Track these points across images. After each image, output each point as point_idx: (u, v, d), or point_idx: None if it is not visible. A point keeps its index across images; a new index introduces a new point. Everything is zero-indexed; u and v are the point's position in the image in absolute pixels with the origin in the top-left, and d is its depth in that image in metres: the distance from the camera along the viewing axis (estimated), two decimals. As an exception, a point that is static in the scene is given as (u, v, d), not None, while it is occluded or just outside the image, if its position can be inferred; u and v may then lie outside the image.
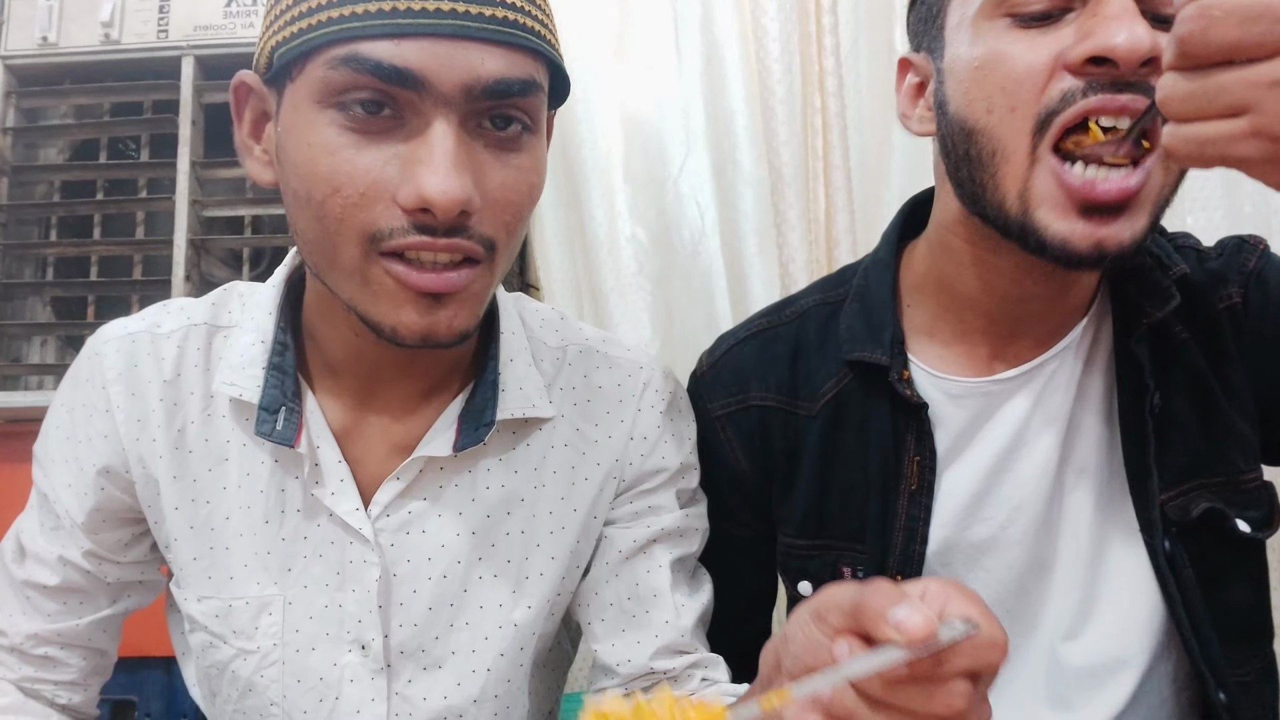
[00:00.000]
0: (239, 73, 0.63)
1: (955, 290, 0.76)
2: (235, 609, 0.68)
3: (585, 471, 0.73)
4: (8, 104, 1.57)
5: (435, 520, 0.69)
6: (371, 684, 0.68)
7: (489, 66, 0.55)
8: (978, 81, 0.65)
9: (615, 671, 0.72)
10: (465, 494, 0.70)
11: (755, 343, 0.84)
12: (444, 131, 0.55)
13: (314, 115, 0.56)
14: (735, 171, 1.49)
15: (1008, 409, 0.75)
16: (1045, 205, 0.63)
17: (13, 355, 1.57)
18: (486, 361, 0.70)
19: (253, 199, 1.54)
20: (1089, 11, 0.61)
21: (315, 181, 0.56)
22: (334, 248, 0.58)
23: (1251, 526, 0.73)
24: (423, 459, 0.68)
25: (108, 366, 0.70)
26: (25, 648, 0.71)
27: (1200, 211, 1.35)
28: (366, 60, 0.54)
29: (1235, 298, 0.75)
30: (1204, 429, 0.73)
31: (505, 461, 0.71)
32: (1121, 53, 0.59)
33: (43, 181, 1.62)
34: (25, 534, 0.73)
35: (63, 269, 1.59)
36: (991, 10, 0.65)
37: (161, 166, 1.54)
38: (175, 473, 0.69)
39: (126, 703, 1.45)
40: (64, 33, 1.55)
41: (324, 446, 0.68)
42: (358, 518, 0.67)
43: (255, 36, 1.48)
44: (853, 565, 0.78)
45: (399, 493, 0.68)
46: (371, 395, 0.69)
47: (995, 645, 0.39)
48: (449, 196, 0.54)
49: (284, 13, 0.57)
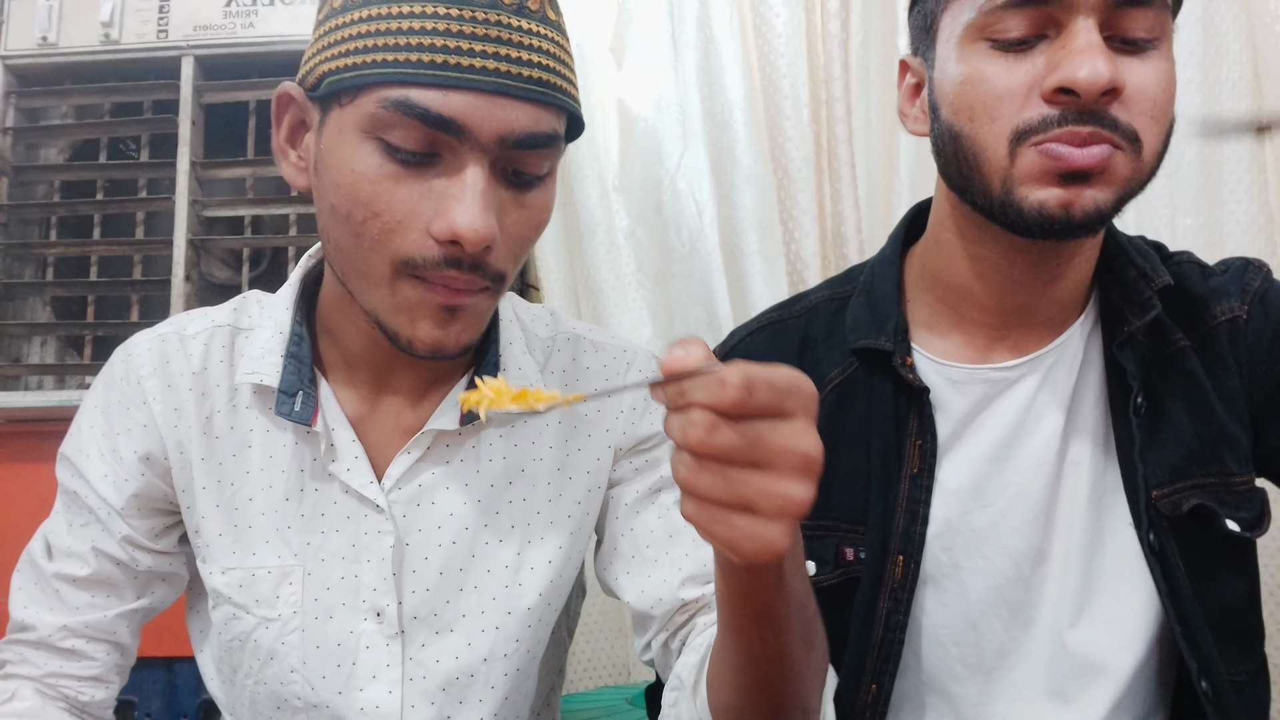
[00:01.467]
0: (283, 83, 0.70)
1: (949, 282, 0.81)
2: (258, 578, 0.73)
3: (578, 444, 0.78)
4: (8, 104, 1.57)
5: (443, 491, 0.75)
6: (387, 649, 0.73)
7: (521, 122, 0.62)
8: (962, 95, 0.72)
9: (651, 615, 0.76)
10: (470, 466, 0.75)
11: (766, 334, 0.90)
12: (476, 174, 0.61)
13: (359, 143, 0.62)
14: (734, 168, 1.49)
15: (1008, 398, 0.79)
16: (1027, 182, 0.70)
17: (13, 355, 1.57)
18: (488, 346, 0.76)
19: (253, 199, 1.54)
20: (1059, 43, 0.68)
21: (356, 204, 0.62)
22: (366, 263, 0.64)
23: (1241, 526, 0.77)
24: (432, 432, 0.73)
25: (141, 364, 0.76)
26: (54, 640, 0.74)
27: (1199, 213, 1.36)
28: (416, 106, 0.60)
29: (1237, 311, 0.79)
30: (1197, 430, 0.77)
31: (505, 436, 0.77)
32: (1082, 85, 0.66)
33: (43, 181, 1.62)
34: (53, 534, 0.77)
35: (63, 269, 1.59)
36: (975, 34, 0.71)
37: (161, 166, 1.54)
38: (204, 455, 0.75)
39: (126, 703, 1.45)
40: (64, 33, 1.55)
41: (338, 428, 0.74)
42: (372, 490, 0.73)
43: (255, 36, 1.51)
44: (855, 546, 0.81)
45: (409, 465, 0.74)
46: (385, 384, 0.75)
47: (724, 382, 0.43)
48: (478, 234, 0.61)
49: (339, 41, 0.63)
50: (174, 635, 0.91)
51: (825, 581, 0.82)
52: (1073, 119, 0.67)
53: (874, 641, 0.79)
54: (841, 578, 0.81)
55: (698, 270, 1.52)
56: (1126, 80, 0.67)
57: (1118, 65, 0.67)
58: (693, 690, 0.67)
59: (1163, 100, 0.69)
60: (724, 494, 0.44)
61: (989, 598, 0.79)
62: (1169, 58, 0.70)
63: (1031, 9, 0.68)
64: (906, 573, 0.79)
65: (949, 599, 0.80)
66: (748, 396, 0.43)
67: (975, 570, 0.79)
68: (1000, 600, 0.78)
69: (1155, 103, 0.69)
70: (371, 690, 0.72)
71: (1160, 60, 0.69)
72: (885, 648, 0.79)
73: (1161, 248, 0.86)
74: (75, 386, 1.50)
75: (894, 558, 0.79)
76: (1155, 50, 0.69)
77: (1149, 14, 0.68)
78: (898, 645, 0.79)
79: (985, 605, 0.79)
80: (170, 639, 0.79)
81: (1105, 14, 0.67)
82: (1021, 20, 0.69)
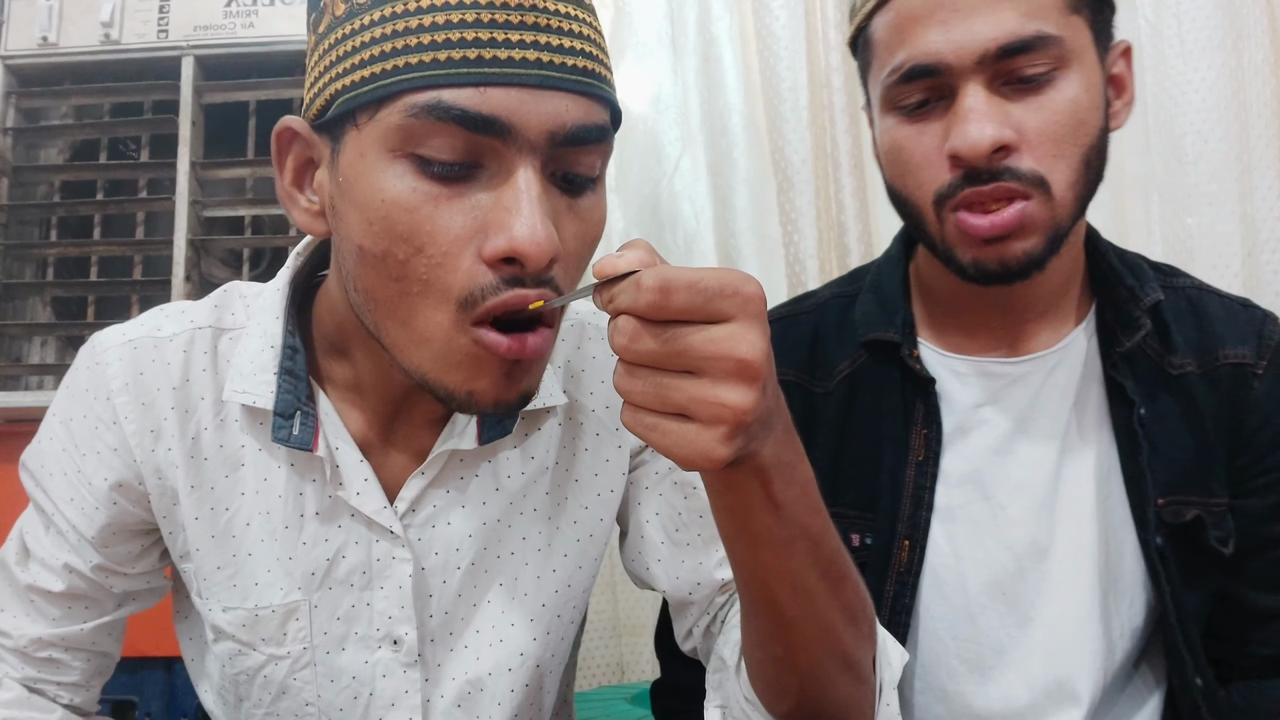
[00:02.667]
0: (282, 119, 0.61)
1: (940, 291, 0.85)
2: (262, 618, 0.68)
3: (586, 442, 0.74)
4: (8, 104, 1.57)
5: (459, 511, 0.70)
6: (404, 676, 0.69)
7: (572, 114, 0.54)
8: (891, 161, 0.77)
9: (690, 601, 0.73)
10: (488, 483, 0.71)
11: (778, 326, 0.90)
12: (529, 179, 0.53)
13: (387, 165, 0.54)
14: (732, 171, 1.49)
15: (1012, 394, 0.81)
16: (957, 245, 0.74)
17: (13, 355, 1.57)
18: None
19: (253, 199, 1.54)
20: (953, 108, 0.71)
21: (394, 240, 0.54)
22: (412, 311, 0.55)
23: (1218, 543, 0.79)
24: (447, 452, 0.68)
25: (111, 376, 0.67)
26: (29, 650, 0.70)
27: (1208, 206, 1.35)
28: (451, 108, 0.52)
29: (1247, 358, 0.81)
30: (1192, 451, 0.80)
31: (522, 449, 0.72)
32: (965, 154, 0.69)
33: (43, 182, 1.62)
34: (29, 535, 0.71)
35: (63, 269, 1.59)
36: (887, 105, 0.76)
37: (161, 167, 1.54)
38: (193, 482, 0.67)
39: (126, 703, 1.44)
40: (64, 33, 1.55)
41: (343, 448, 0.67)
42: (386, 516, 0.67)
43: (255, 36, 1.52)
44: (861, 533, 0.83)
45: (423, 488, 0.68)
46: (398, 411, 0.68)
47: (639, 285, 0.42)
48: (540, 246, 0.52)
49: (350, 53, 0.55)
50: (173, 635, 0.91)
51: None
52: (972, 180, 0.70)
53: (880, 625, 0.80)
54: None
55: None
56: (1024, 125, 0.69)
57: (1011, 116, 0.69)
58: (736, 669, 0.64)
59: (1065, 135, 0.70)
60: (655, 400, 0.43)
61: (988, 590, 0.80)
62: (1075, 81, 0.71)
63: (921, 80, 0.71)
64: (912, 557, 0.80)
65: (948, 590, 0.80)
66: (664, 299, 0.42)
67: (975, 561, 0.80)
68: (999, 594, 0.79)
69: (1056, 141, 0.70)
70: (391, 718, 0.69)
71: (1062, 89, 0.70)
72: (892, 631, 0.79)
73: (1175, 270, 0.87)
74: (75, 386, 1.50)
75: (900, 542, 0.80)
76: (1053, 83, 0.70)
77: (1038, 55, 0.69)
78: (904, 629, 0.80)
79: (984, 598, 0.80)
80: (170, 639, 0.77)
81: (993, 67, 0.69)
82: (916, 89, 0.72)
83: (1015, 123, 0.69)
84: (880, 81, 0.75)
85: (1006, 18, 0.68)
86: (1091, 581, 0.78)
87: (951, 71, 0.70)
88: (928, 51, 0.70)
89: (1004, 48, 0.68)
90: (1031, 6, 0.69)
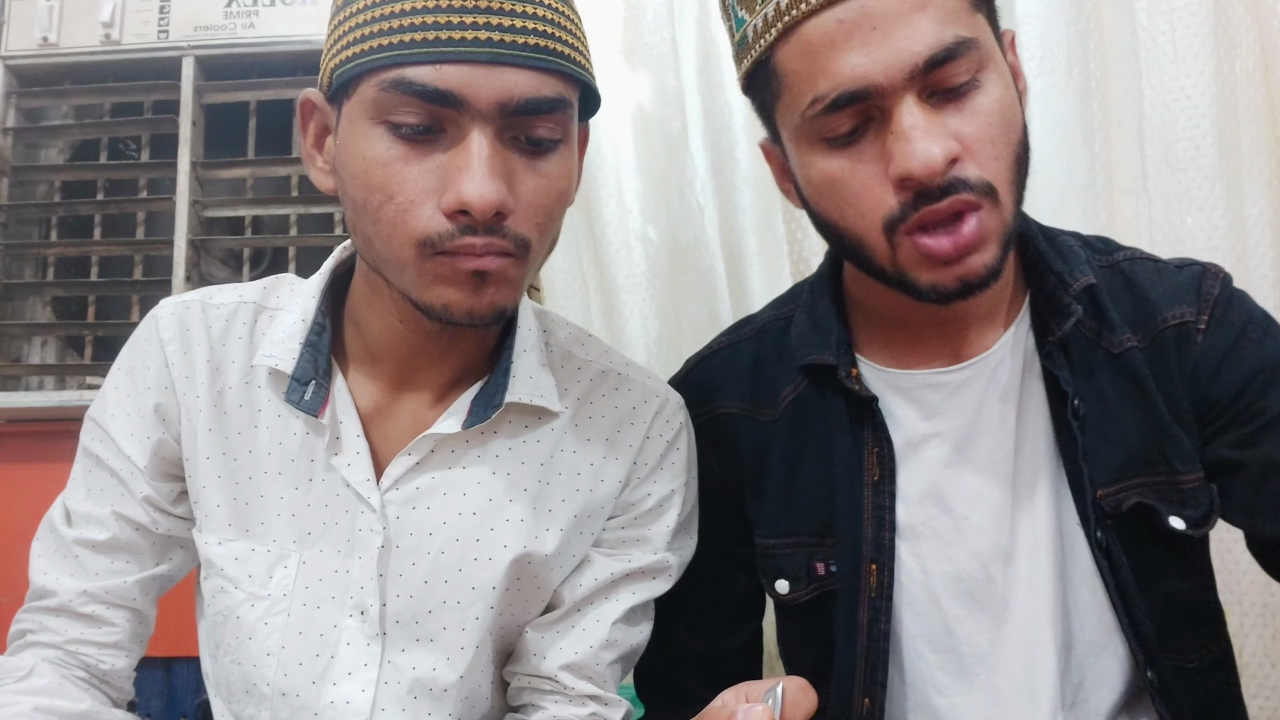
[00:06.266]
0: (305, 90, 0.71)
1: (875, 307, 0.83)
2: (256, 554, 0.74)
3: (589, 484, 0.78)
4: (8, 104, 1.57)
5: (440, 498, 0.74)
6: (366, 649, 0.73)
7: (521, 87, 0.62)
8: (824, 196, 0.72)
9: (524, 658, 0.77)
10: (472, 476, 0.75)
11: (718, 358, 0.91)
12: (480, 143, 0.62)
13: (367, 130, 0.64)
14: (734, 169, 1.49)
15: (957, 402, 0.80)
16: (914, 268, 0.70)
17: (13, 355, 1.57)
18: (502, 351, 0.76)
19: (253, 199, 1.54)
20: (888, 128, 0.67)
21: (371, 190, 0.64)
22: (389, 248, 0.65)
23: (1186, 524, 0.76)
24: (434, 437, 0.73)
25: (164, 327, 0.77)
26: (74, 605, 0.74)
27: (1199, 211, 1.36)
28: (412, 84, 0.61)
29: (1188, 316, 0.79)
30: (1140, 430, 0.78)
31: (515, 451, 0.76)
32: (919, 174, 0.66)
33: (43, 182, 1.62)
34: (72, 500, 0.77)
35: (63, 269, 1.59)
36: (809, 136, 0.71)
37: (162, 167, 1.54)
38: (211, 426, 0.75)
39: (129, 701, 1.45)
40: (64, 33, 1.55)
41: (347, 421, 0.74)
42: (367, 488, 0.73)
43: (256, 36, 1.52)
44: (825, 560, 0.81)
45: (409, 468, 0.73)
46: (408, 379, 0.75)
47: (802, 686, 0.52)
48: (485, 200, 0.61)
49: (341, 37, 0.65)
50: (172, 635, 0.91)
51: (801, 598, 0.82)
52: (926, 199, 0.67)
53: (859, 651, 0.79)
54: (816, 592, 0.82)
55: (701, 271, 1.52)
56: (961, 134, 0.67)
57: (949, 127, 0.67)
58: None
59: (999, 136, 0.68)
60: None
61: (962, 602, 0.79)
62: (995, 80, 0.69)
63: (849, 108, 0.67)
64: (882, 580, 0.78)
65: (922, 608, 0.79)
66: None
67: (944, 575, 0.79)
68: (974, 604, 0.79)
69: (993, 143, 0.68)
70: (345, 686, 0.72)
71: (987, 91, 0.68)
72: (872, 657, 0.78)
73: (1109, 242, 0.86)
74: (75, 387, 1.50)
75: (867, 566, 0.79)
76: (978, 87, 0.68)
77: (962, 62, 0.66)
78: (884, 655, 0.78)
79: (960, 610, 0.79)
80: (169, 639, 0.78)
81: (921, 81, 0.66)
82: (845, 118, 0.68)
83: (953, 132, 0.67)
84: (797, 114, 0.70)
85: (925, 29, 0.65)
86: (1052, 578, 0.77)
87: (882, 93, 0.66)
88: (854, 76, 0.66)
89: (930, 59, 0.65)
90: (943, 13, 0.66)
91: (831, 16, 0.66)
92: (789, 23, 0.68)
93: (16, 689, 0.69)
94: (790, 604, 0.83)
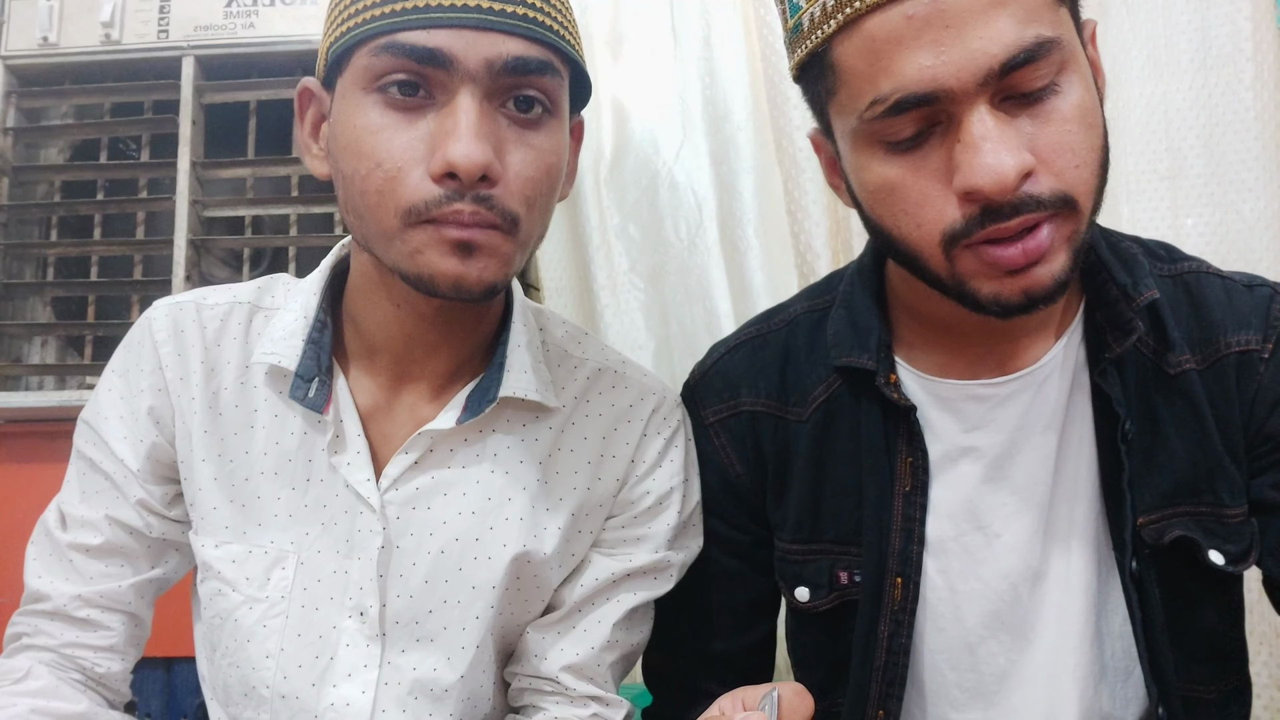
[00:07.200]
0: (303, 79, 0.72)
1: (920, 310, 0.78)
2: (254, 555, 0.73)
3: (587, 481, 0.77)
4: (8, 104, 1.57)
5: (440, 498, 0.74)
6: (366, 650, 0.72)
7: (509, 48, 0.63)
8: (880, 202, 0.67)
9: (524, 659, 0.77)
10: (472, 475, 0.74)
11: (745, 350, 0.85)
12: (468, 105, 0.63)
13: (360, 99, 0.65)
14: (737, 158, 1.47)
15: (1000, 416, 0.75)
16: (975, 279, 0.65)
17: (13, 355, 1.57)
18: (497, 346, 0.76)
19: (253, 199, 1.54)
20: (955, 136, 0.61)
21: (360, 159, 0.64)
22: (378, 219, 0.65)
23: (1226, 559, 0.73)
24: (430, 433, 0.73)
25: (158, 329, 0.76)
26: (69, 609, 0.73)
27: (1198, 213, 1.36)
28: (403, 46, 0.62)
29: (1254, 345, 0.74)
30: (1192, 458, 0.74)
31: (513, 450, 0.76)
32: (988, 189, 0.60)
33: (43, 181, 1.62)
34: (67, 504, 0.76)
35: (63, 269, 1.59)
36: (866, 139, 0.65)
37: (162, 166, 1.54)
38: (206, 428, 0.75)
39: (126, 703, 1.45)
40: (64, 33, 1.55)
41: (348, 420, 0.73)
42: (367, 488, 0.72)
43: (256, 36, 1.52)
44: (849, 569, 0.78)
45: (408, 467, 0.73)
46: (404, 373, 0.75)
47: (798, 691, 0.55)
48: (470, 160, 0.61)
49: (337, 17, 0.67)
50: (173, 635, 0.91)
51: (820, 606, 0.79)
52: (994, 216, 0.61)
53: (877, 665, 0.77)
54: (837, 601, 0.79)
55: (696, 267, 1.50)
56: (1036, 143, 0.61)
57: (1023, 135, 0.61)
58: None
59: (1080, 143, 0.62)
60: None
61: (986, 621, 0.76)
62: (1077, 82, 0.63)
63: (914, 111, 0.61)
64: (906, 594, 0.76)
65: (945, 624, 0.77)
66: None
67: (971, 594, 0.76)
68: (998, 624, 0.76)
69: (1073, 151, 0.62)
70: (345, 687, 0.72)
71: (1067, 95, 0.62)
72: (890, 671, 0.76)
73: (1172, 250, 0.80)
74: (75, 386, 1.50)
75: (892, 579, 0.76)
76: (1057, 90, 0.62)
77: (1042, 64, 0.60)
78: (902, 669, 0.76)
79: (983, 629, 0.76)
80: (169, 639, 0.78)
81: (996, 85, 0.60)
82: (908, 121, 0.62)
83: (1028, 142, 0.61)
84: (855, 114, 0.64)
85: (1004, 27, 0.59)
86: (1085, 604, 0.75)
87: (952, 97, 0.60)
88: (921, 79, 0.60)
89: (1007, 62, 0.59)
90: (1024, 10, 0.60)
91: (899, 12, 0.60)
92: (851, 15, 0.62)
93: (13, 691, 0.69)
94: (809, 611, 0.80)
